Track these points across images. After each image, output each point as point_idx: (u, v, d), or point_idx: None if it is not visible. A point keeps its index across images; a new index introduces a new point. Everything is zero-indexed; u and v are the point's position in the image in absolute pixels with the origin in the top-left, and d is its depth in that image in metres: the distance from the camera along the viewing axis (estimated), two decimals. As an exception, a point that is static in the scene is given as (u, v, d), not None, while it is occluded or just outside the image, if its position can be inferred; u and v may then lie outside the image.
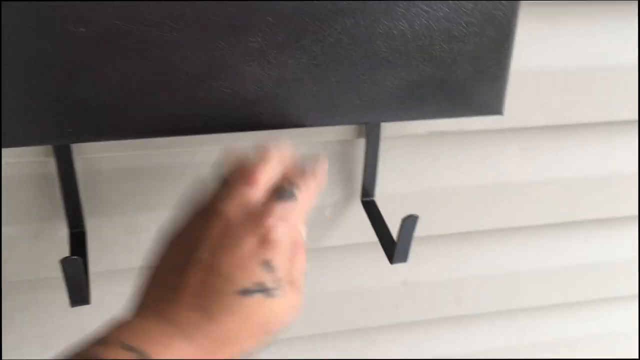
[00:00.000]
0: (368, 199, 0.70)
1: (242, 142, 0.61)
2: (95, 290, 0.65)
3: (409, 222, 0.58)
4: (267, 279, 0.43)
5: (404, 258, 0.62)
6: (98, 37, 0.45)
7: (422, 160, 0.73)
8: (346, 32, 0.50)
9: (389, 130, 0.68)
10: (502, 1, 0.51)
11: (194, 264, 0.43)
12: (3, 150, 0.59)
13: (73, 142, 0.53)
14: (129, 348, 0.38)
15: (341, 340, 0.87)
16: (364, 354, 0.89)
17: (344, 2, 0.48)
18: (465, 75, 0.54)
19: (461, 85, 0.54)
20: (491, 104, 0.56)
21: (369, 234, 0.68)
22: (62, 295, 0.57)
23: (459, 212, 0.77)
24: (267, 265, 0.43)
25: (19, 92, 0.46)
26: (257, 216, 0.44)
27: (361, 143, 0.68)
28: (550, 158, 0.76)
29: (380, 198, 0.71)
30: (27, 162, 0.62)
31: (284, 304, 0.44)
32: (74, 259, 0.52)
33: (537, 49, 0.66)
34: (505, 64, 0.54)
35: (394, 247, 0.60)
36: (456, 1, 0.50)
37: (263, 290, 0.42)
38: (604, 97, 0.71)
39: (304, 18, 0.48)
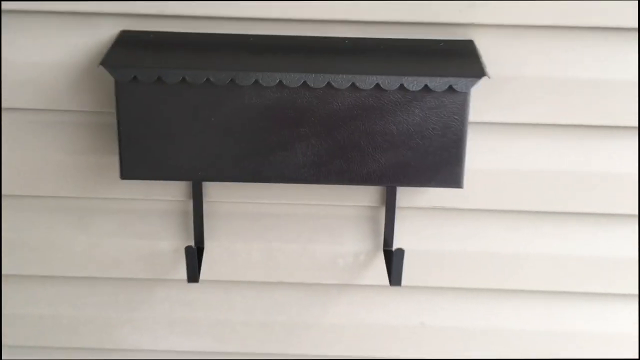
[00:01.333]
0: (387, 249, 1.02)
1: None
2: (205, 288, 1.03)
3: (398, 254, 0.90)
4: None
5: (398, 282, 0.93)
6: (220, 121, 0.86)
7: (429, 227, 1.04)
8: (358, 129, 0.86)
9: (404, 202, 1.01)
10: (454, 117, 0.85)
11: None
12: (162, 190, 1.01)
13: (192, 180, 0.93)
14: None
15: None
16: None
17: (358, 112, 0.85)
18: (434, 161, 0.87)
19: (431, 166, 0.87)
20: (454, 179, 0.88)
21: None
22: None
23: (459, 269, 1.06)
24: None
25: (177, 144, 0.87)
26: None
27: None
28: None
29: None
30: (175, 201, 1.03)
31: None
32: (192, 247, 0.89)
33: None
34: (460, 156, 0.87)
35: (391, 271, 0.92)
36: (425, 113, 0.85)
37: None
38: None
39: (333, 119, 0.85)
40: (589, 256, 1.05)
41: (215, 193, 1.02)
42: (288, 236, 1.05)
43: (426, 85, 0.83)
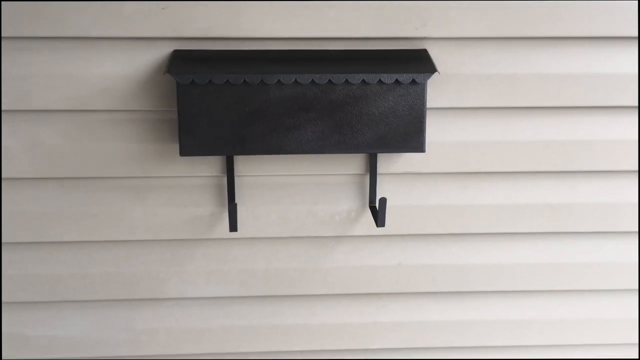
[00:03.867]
0: (372, 205, 1.38)
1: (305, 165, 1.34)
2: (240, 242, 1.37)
3: (382, 201, 1.26)
4: None
5: (382, 223, 1.28)
6: (253, 109, 1.21)
7: (402, 187, 1.40)
8: (350, 111, 1.22)
9: (383, 169, 1.37)
10: (417, 101, 1.23)
11: None
12: (203, 167, 1.35)
13: (233, 154, 1.28)
14: None
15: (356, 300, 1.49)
16: (376, 315, 1.50)
17: (350, 99, 1.22)
18: (404, 133, 1.24)
19: (402, 137, 1.24)
20: (418, 146, 1.25)
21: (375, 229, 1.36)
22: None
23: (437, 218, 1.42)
24: None
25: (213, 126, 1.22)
26: None
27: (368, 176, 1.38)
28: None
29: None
30: (212, 176, 1.37)
31: None
32: (234, 203, 1.24)
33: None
34: (422, 129, 1.25)
35: (377, 217, 1.28)
36: (396, 99, 1.22)
37: None
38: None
39: (332, 106, 1.22)
40: (522, 204, 1.43)
41: (243, 169, 1.37)
42: (297, 200, 1.41)
43: (397, 79, 1.21)
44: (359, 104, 1.23)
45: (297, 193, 1.40)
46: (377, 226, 1.31)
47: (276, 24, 1.26)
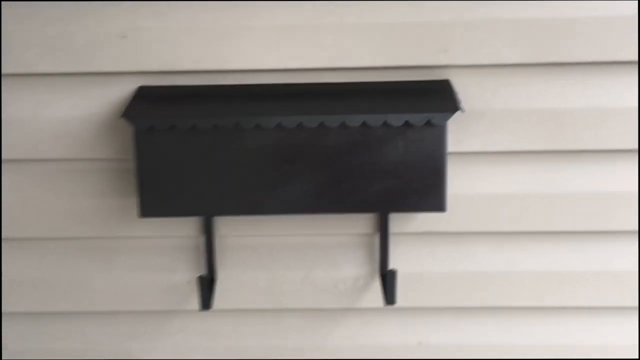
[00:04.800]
0: (384, 273, 1.11)
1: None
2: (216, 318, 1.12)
3: (390, 274, 0.99)
4: None
5: (392, 301, 1.02)
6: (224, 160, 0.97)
7: (420, 250, 1.13)
8: (349, 162, 0.97)
9: (396, 227, 1.11)
10: (433, 148, 0.96)
11: None
12: (176, 227, 1.11)
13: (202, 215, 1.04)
14: None
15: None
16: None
17: (348, 147, 0.96)
18: (418, 188, 0.98)
19: (416, 193, 0.98)
20: (437, 204, 0.98)
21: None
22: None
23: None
24: None
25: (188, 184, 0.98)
26: None
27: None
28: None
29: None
30: (189, 237, 1.13)
31: None
32: (203, 276, 0.99)
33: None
34: (442, 182, 0.98)
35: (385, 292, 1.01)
36: (407, 145, 0.96)
37: None
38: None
39: (326, 155, 0.97)
40: (570, 271, 1.14)
41: (225, 228, 1.13)
42: (292, 264, 1.15)
43: (407, 121, 0.95)
44: (360, 153, 0.97)
45: (291, 256, 1.15)
46: (386, 304, 1.04)
47: (262, 52, 1.02)
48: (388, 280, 1.02)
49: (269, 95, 1.01)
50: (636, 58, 1.01)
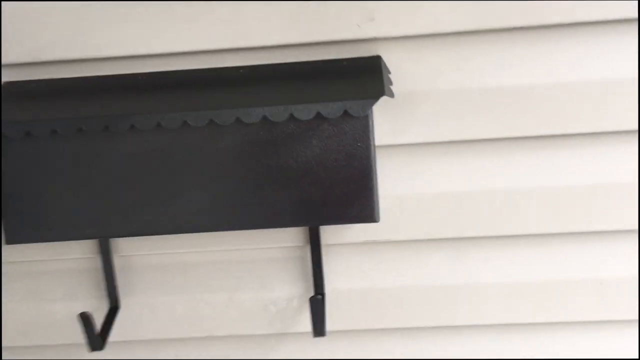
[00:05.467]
0: (319, 294, 0.92)
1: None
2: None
3: (314, 302, 0.80)
4: None
5: (321, 332, 0.83)
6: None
7: (361, 263, 0.94)
8: (252, 167, 0.77)
9: (330, 238, 0.91)
10: (357, 144, 0.76)
11: None
12: (69, 248, 0.93)
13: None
14: None
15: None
16: None
17: (249, 148, 0.77)
18: (342, 195, 0.78)
19: (340, 201, 0.78)
20: (367, 214, 0.79)
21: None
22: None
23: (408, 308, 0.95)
24: None
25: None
26: None
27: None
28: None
29: (331, 294, 0.93)
30: (85, 258, 0.95)
31: None
32: (86, 313, 0.81)
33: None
34: (371, 187, 0.78)
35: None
36: (324, 143, 0.76)
37: None
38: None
39: (223, 160, 0.77)
40: (542, 282, 0.94)
41: (127, 246, 0.94)
42: (213, 285, 0.96)
43: (319, 113, 0.75)
44: (265, 155, 0.77)
45: (211, 275, 0.96)
46: (314, 336, 0.85)
47: (142, 34, 0.82)
48: (313, 308, 0.83)
49: (149, 87, 0.81)
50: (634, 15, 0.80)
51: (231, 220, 0.79)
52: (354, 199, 0.78)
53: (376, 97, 0.74)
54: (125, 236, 0.84)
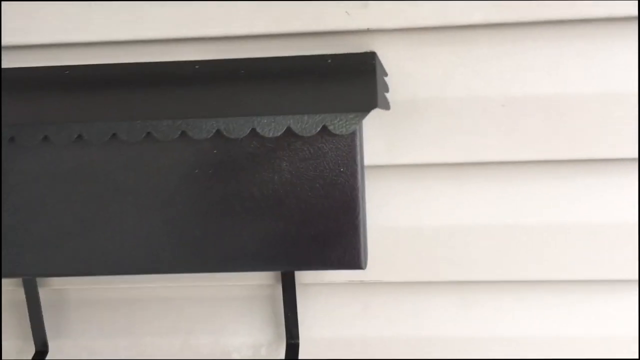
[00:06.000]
0: (293, 342, 0.75)
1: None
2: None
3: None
4: None
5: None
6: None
7: (350, 307, 0.77)
8: (202, 195, 0.60)
9: (306, 276, 0.74)
10: (340, 169, 0.58)
11: None
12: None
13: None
14: None
15: None
16: None
17: (199, 171, 0.59)
18: (319, 233, 0.60)
19: (317, 242, 0.60)
20: (350, 259, 0.61)
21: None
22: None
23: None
24: None
25: None
26: None
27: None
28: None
29: (307, 342, 0.76)
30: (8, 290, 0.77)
31: None
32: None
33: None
34: (356, 224, 0.60)
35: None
36: (296, 167, 0.58)
37: None
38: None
39: (165, 185, 0.59)
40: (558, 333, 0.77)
41: (59, 278, 0.77)
42: (164, 327, 0.79)
43: (289, 128, 0.57)
44: (221, 180, 0.59)
45: (162, 315, 0.79)
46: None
47: (84, 18, 0.64)
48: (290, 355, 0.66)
49: (69, 86, 0.62)
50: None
51: (173, 262, 0.62)
52: (335, 239, 0.60)
53: (366, 111, 0.56)
54: (40, 276, 0.67)
